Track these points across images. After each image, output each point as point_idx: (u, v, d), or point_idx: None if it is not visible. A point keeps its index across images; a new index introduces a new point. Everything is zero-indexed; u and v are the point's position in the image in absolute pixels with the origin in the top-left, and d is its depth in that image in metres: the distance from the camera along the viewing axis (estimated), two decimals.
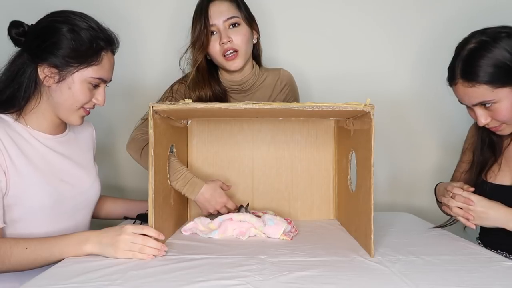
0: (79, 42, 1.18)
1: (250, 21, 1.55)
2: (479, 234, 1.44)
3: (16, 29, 1.21)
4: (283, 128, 1.50)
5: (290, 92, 1.66)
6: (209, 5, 1.49)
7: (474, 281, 0.93)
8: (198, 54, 1.51)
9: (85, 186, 1.33)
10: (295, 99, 1.68)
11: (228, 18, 1.49)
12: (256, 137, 1.50)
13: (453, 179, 1.51)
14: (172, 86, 1.58)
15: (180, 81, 1.58)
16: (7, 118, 1.21)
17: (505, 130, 1.27)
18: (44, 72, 1.19)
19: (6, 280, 1.17)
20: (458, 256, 1.10)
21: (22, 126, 1.22)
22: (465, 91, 1.22)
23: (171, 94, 1.55)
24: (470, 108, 1.28)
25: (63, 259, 1.05)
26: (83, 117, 1.27)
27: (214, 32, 1.50)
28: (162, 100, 1.55)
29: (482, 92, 1.19)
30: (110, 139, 1.91)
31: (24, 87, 1.20)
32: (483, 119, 1.25)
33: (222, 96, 1.55)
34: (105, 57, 1.23)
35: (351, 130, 1.30)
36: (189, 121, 1.49)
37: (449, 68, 1.28)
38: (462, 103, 1.30)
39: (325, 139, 1.51)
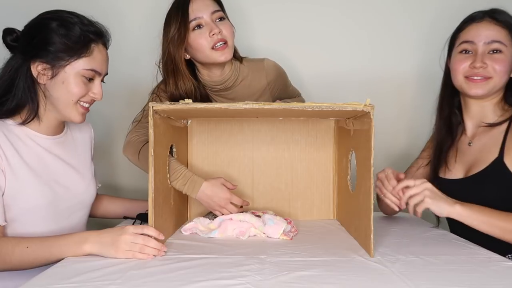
0: (68, 35, 1.18)
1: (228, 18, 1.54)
2: None
3: (10, 36, 1.21)
4: (283, 128, 1.50)
5: (278, 83, 1.63)
6: (191, 0, 1.46)
7: (474, 281, 0.93)
8: (177, 50, 1.46)
9: (79, 190, 1.33)
10: (285, 84, 1.66)
11: (215, 11, 1.47)
12: (256, 137, 1.50)
13: (407, 172, 1.49)
14: (154, 90, 1.53)
15: (161, 83, 1.54)
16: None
17: (484, 87, 1.33)
18: (37, 69, 1.18)
19: (6, 279, 1.17)
20: (458, 256, 1.10)
21: (19, 126, 1.21)
22: (490, 27, 1.34)
23: (158, 94, 1.51)
24: (465, 54, 1.35)
25: (63, 259, 1.05)
26: (83, 114, 1.26)
27: (201, 26, 1.46)
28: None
29: (503, 34, 1.34)
30: (108, 139, 1.91)
31: (23, 89, 1.19)
32: (484, 56, 1.32)
33: (203, 90, 1.53)
34: (96, 49, 1.22)
35: (351, 130, 1.30)
36: (189, 121, 1.49)
37: (466, 18, 1.39)
38: (470, 41, 1.35)
39: (325, 139, 1.51)
